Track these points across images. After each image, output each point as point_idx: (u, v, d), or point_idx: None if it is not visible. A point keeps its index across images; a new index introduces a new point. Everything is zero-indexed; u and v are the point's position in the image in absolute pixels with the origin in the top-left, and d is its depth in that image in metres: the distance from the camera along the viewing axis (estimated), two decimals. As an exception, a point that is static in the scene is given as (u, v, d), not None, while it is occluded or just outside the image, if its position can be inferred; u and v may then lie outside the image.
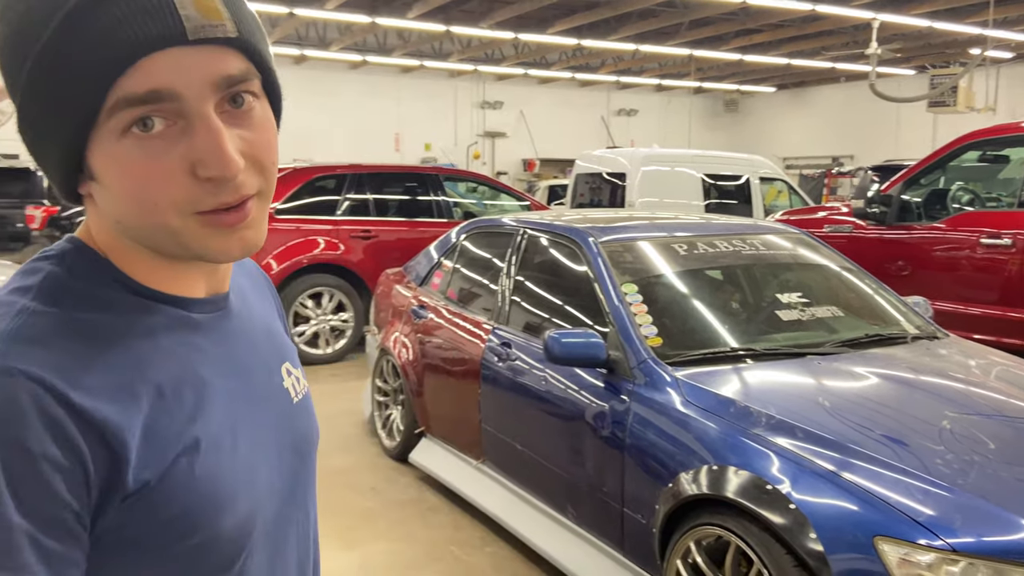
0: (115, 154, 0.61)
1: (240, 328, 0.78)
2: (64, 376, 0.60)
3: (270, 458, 0.75)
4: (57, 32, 0.59)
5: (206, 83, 0.61)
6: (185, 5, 0.60)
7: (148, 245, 0.67)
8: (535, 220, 3.79)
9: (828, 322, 3.06)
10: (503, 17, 14.02)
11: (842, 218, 5.76)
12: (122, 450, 0.61)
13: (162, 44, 0.59)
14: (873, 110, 18.24)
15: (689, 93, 23.08)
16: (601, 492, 2.69)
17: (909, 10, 12.90)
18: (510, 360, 3.30)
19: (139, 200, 0.63)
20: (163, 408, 0.65)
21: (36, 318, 0.62)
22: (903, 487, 1.97)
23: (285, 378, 0.82)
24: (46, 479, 0.57)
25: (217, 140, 0.61)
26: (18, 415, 0.57)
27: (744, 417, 2.31)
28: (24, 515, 0.56)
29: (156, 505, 0.63)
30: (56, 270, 0.67)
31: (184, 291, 0.71)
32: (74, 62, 0.59)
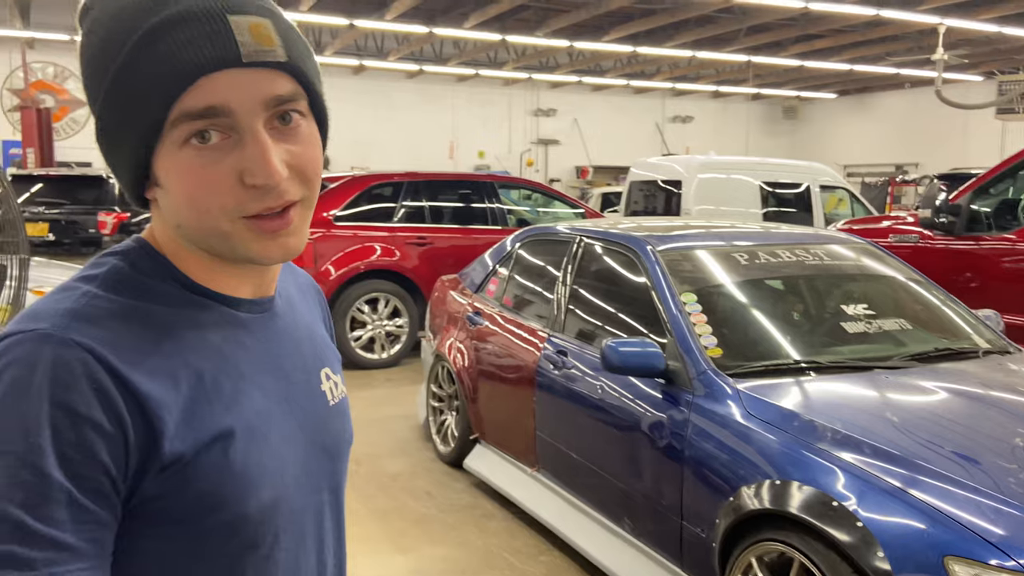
0: (176, 162, 0.69)
1: (283, 330, 0.84)
2: (115, 351, 0.67)
3: (299, 453, 0.80)
4: (132, 52, 0.67)
5: (257, 101, 0.69)
6: (242, 32, 0.68)
7: (202, 246, 0.75)
8: (591, 228, 3.78)
9: (896, 335, 2.98)
10: (558, 26, 14.03)
11: (908, 228, 5.60)
12: (160, 424, 0.67)
13: (220, 65, 0.67)
14: (939, 117, 17.73)
15: (746, 99, 22.76)
16: (659, 504, 2.66)
17: (977, 15, 12.50)
18: (566, 368, 3.29)
19: (195, 204, 0.70)
20: (202, 393, 0.71)
21: (97, 301, 0.70)
22: (974, 506, 1.90)
23: (323, 382, 0.88)
24: (89, 441, 0.63)
25: (263, 152, 0.69)
26: (70, 380, 0.64)
27: (808, 431, 2.26)
28: (64, 472, 0.62)
29: (188, 480, 0.68)
30: (120, 264, 0.75)
31: (232, 291, 0.78)
32: (144, 79, 0.67)
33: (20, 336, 0.67)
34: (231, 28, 0.67)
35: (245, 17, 0.68)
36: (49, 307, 0.69)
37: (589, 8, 13.17)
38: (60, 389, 0.63)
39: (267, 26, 0.69)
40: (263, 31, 0.69)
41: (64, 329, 0.66)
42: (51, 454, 0.62)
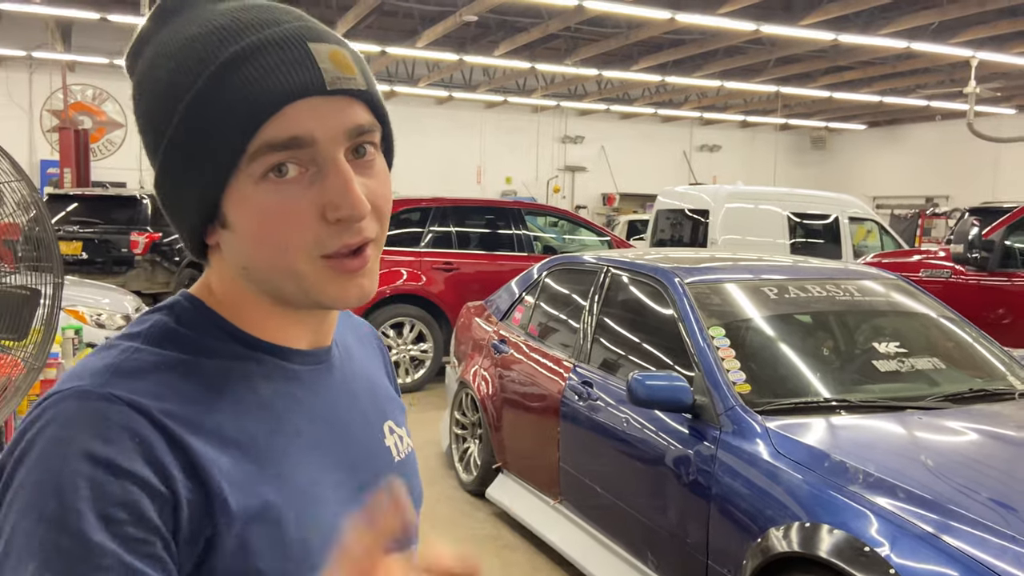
0: (252, 198, 0.65)
1: (341, 383, 0.78)
2: (160, 405, 0.62)
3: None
4: (209, 82, 0.63)
5: (339, 131, 0.65)
6: (323, 59, 0.65)
7: (269, 291, 0.70)
8: (618, 259, 3.77)
9: (929, 374, 2.92)
10: (587, 55, 14.13)
11: (940, 262, 5.53)
12: (211, 484, 0.61)
13: (304, 93, 0.63)
14: (970, 150, 17.52)
15: (775, 129, 22.69)
16: (684, 542, 2.61)
17: (1010, 48, 12.40)
18: (591, 399, 3.26)
19: (271, 243, 0.65)
20: (252, 453, 0.65)
21: (139, 355, 0.66)
22: (1011, 555, 1.85)
23: (387, 436, 0.82)
24: (134, 498, 0.57)
25: (347, 183, 0.65)
26: (109, 434, 0.59)
27: (839, 472, 2.22)
28: (109, 534, 0.56)
29: (239, 556, 0.62)
30: (164, 318, 0.70)
31: (288, 342, 0.73)
32: (223, 109, 0.63)
33: (58, 396, 0.62)
34: (313, 55, 0.64)
35: (325, 45, 0.66)
36: (89, 365, 0.65)
37: (619, 38, 13.26)
38: (98, 444, 0.58)
39: (346, 55, 0.67)
40: (343, 59, 0.66)
41: (103, 385, 0.62)
42: (92, 515, 0.56)
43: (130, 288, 8.11)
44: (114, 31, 12.73)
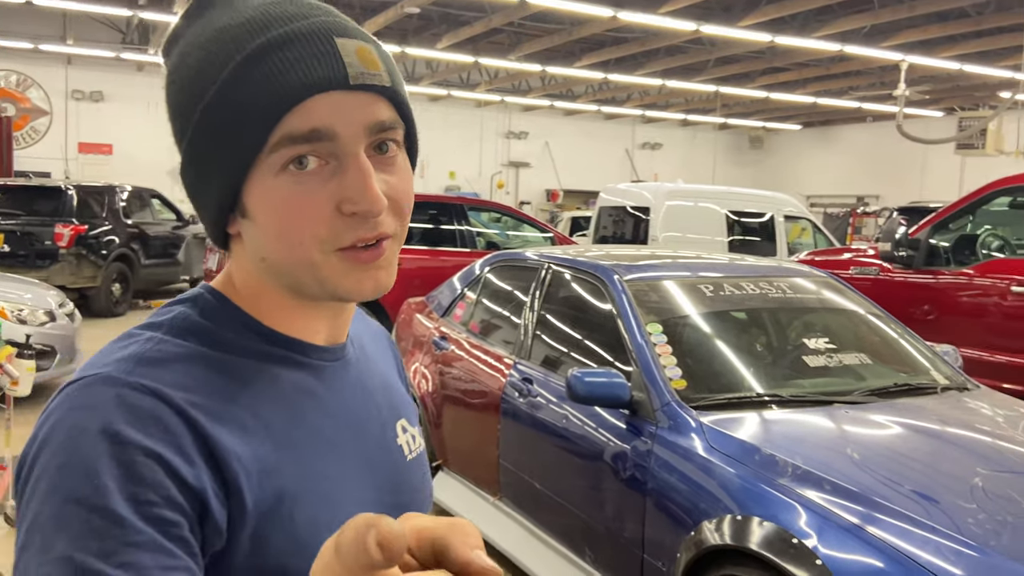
0: (271, 189, 0.66)
1: (356, 379, 0.79)
2: (184, 395, 0.62)
3: (376, 511, 0.72)
4: (234, 72, 0.64)
5: (361, 126, 0.66)
6: (348, 53, 0.66)
7: (287, 283, 0.70)
8: (560, 255, 3.79)
9: (856, 369, 3.01)
10: (531, 50, 14.16)
11: (869, 260, 5.71)
12: (231, 474, 0.62)
13: (327, 87, 0.64)
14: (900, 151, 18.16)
15: (714, 128, 23.12)
16: (621, 536, 2.64)
17: (939, 53, 12.88)
18: (531, 396, 3.27)
19: (287, 235, 0.66)
20: (270, 446, 0.66)
21: (163, 345, 0.66)
22: (933, 546, 1.91)
23: (400, 435, 0.82)
24: (160, 480, 0.58)
25: (365, 178, 0.65)
26: (134, 419, 0.59)
27: (770, 466, 2.27)
28: (138, 514, 0.56)
29: (255, 544, 0.63)
30: (187, 310, 0.71)
31: (307, 336, 0.74)
32: (246, 99, 0.64)
33: (82, 382, 0.63)
34: (338, 50, 0.65)
35: (352, 40, 0.67)
36: (112, 353, 0.66)
37: (562, 34, 13.33)
38: (126, 428, 0.59)
39: (372, 51, 0.68)
40: (369, 55, 0.67)
41: (129, 372, 0.62)
42: (121, 495, 0.56)
43: (54, 283, 7.80)
44: (38, 16, 12.25)
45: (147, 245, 10.67)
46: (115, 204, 10.31)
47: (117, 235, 10.09)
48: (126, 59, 15.66)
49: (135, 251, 10.40)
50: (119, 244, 10.07)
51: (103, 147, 16.90)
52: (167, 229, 11.28)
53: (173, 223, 11.49)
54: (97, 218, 9.94)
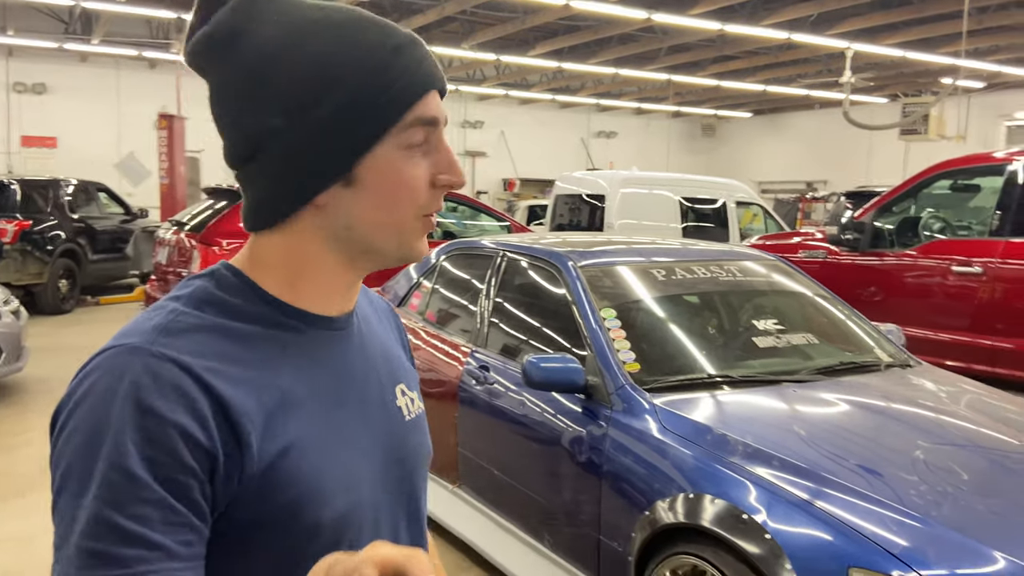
0: (392, 162, 0.77)
1: (359, 347, 0.87)
2: (200, 361, 0.71)
3: (375, 467, 0.84)
4: (381, 60, 0.76)
5: (444, 118, 0.82)
6: (437, 63, 0.82)
7: (360, 249, 0.80)
8: (515, 243, 3.80)
9: (803, 349, 3.09)
10: (485, 39, 14.12)
11: (816, 244, 5.84)
12: (244, 433, 0.70)
13: (439, 86, 0.80)
14: (846, 137, 18.55)
15: (668, 117, 23.33)
16: (578, 519, 2.68)
17: (882, 40, 13.17)
18: (488, 384, 3.29)
19: (396, 201, 0.78)
20: (280, 406, 0.74)
21: (183, 316, 0.75)
22: (877, 518, 1.98)
23: (399, 397, 0.91)
24: (174, 444, 0.67)
25: (454, 157, 0.81)
26: (155, 387, 0.68)
27: (721, 445, 2.32)
28: (152, 474, 0.65)
29: (267, 491, 0.72)
30: (205, 284, 0.79)
31: (322, 308, 0.82)
32: (392, 83, 0.76)
33: (112, 351, 0.71)
34: (434, 59, 0.81)
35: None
36: (139, 324, 0.74)
37: (515, 22, 13.31)
38: (145, 394, 0.67)
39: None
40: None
41: (152, 343, 0.71)
42: (137, 456, 0.65)
43: (-1, 280, 7.60)
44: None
45: (94, 240, 10.42)
46: (60, 198, 10.05)
47: (63, 230, 9.83)
48: (69, 50, 15.20)
49: (82, 246, 10.14)
50: (65, 239, 9.81)
51: (47, 140, 16.40)
52: (115, 223, 11.02)
53: (121, 217, 11.23)
54: (42, 213, 9.67)
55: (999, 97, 17.53)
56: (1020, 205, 4.67)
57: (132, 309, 9.95)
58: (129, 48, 15.00)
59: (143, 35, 15.20)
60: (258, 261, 0.81)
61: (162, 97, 15.42)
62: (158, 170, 12.44)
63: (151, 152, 13.14)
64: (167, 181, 12.22)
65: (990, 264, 4.70)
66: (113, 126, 16.81)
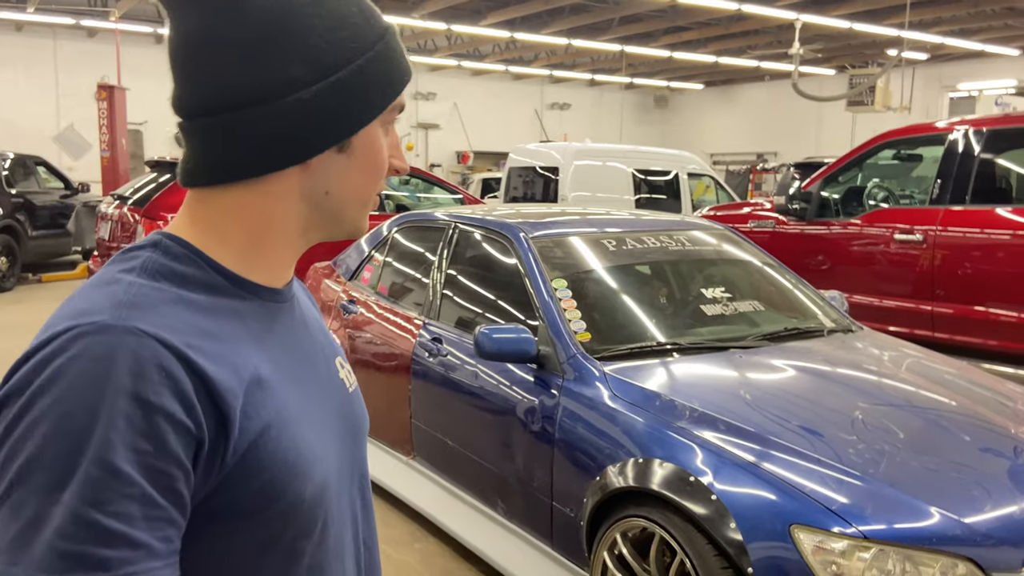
0: (377, 137, 0.81)
1: (300, 320, 0.87)
2: (180, 338, 0.66)
3: (335, 437, 0.84)
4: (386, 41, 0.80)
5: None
6: None
7: (326, 216, 0.81)
8: (467, 215, 3.79)
9: (750, 316, 3.15)
10: (436, 7, 13.92)
11: (766, 214, 5.93)
12: (228, 411, 0.67)
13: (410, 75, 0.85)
14: (796, 108, 18.81)
15: (621, 88, 23.35)
16: (531, 486, 2.71)
17: (830, 11, 13.33)
18: (441, 356, 3.29)
19: (373, 174, 0.82)
20: (255, 381, 0.72)
21: (146, 290, 0.70)
22: (817, 476, 2.04)
23: (340, 370, 0.91)
24: (161, 432, 0.62)
25: (402, 145, 0.87)
26: (138, 369, 0.63)
27: (669, 410, 2.37)
28: (135, 466, 0.61)
29: (250, 469, 0.69)
30: (152, 255, 0.74)
31: (269, 280, 0.80)
32: (395, 63, 0.81)
33: (75, 330, 0.64)
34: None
35: None
36: (96, 300, 0.68)
37: (466, -8, 13.13)
38: (131, 379, 0.62)
39: None
40: None
41: (124, 319, 0.65)
42: (121, 448, 0.61)
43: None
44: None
45: (34, 216, 10.09)
46: (-4, 173, 9.70)
47: (0, 206, 9.50)
48: (3, 19, 14.58)
49: (21, 222, 9.82)
50: (3, 216, 9.50)
51: (-20, 113, 15.78)
52: (55, 198, 10.68)
53: (61, 192, 10.89)
54: None
55: (942, 69, 17.93)
56: (959, 174, 4.80)
57: (75, 286, 9.68)
58: (66, 16, 14.44)
59: (80, 3, 14.64)
60: (207, 226, 0.77)
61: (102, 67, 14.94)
62: (99, 143, 12.05)
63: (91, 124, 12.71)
64: (108, 154, 11.85)
65: (930, 232, 4.83)
66: (51, 98, 16.22)
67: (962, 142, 4.85)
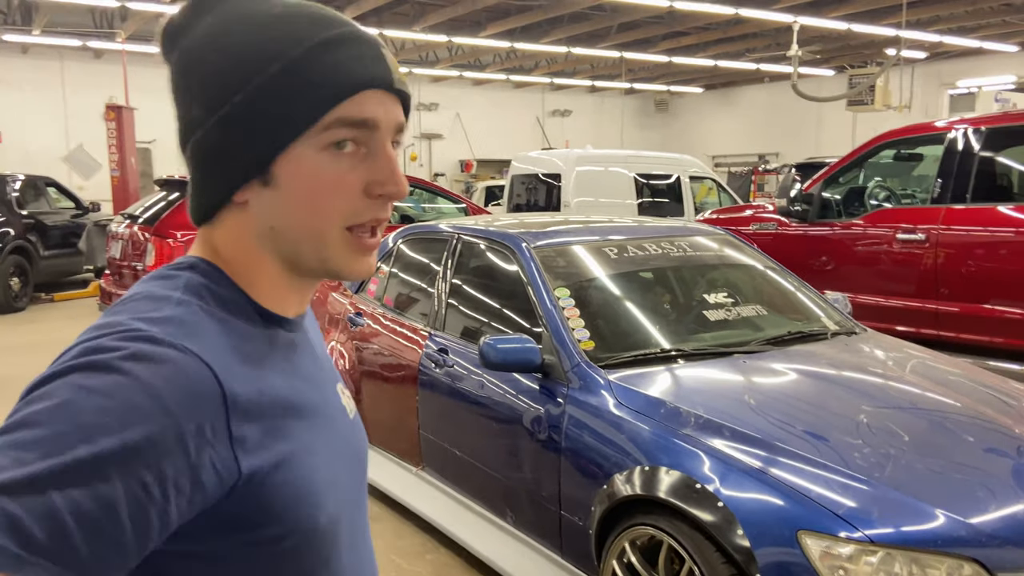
0: (310, 163, 0.73)
1: (310, 348, 0.87)
2: (222, 360, 0.68)
3: (346, 465, 0.84)
4: (305, 54, 0.72)
5: (393, 123, 0.77)
6: (391, 62, 0.78)
7: (287, 253, 0.77)
8: (470, 226, 3.82)
9: (753, 321, 3.16)
10: (436, 20, 13.98)
11: (768, 216, 5.94)
12: (242, 436, 0.68)
13: (379, 85, 0.75)
14: (796, 109, 18.82)
15: (621, 94, 23.40)
16: (539, 495, 2.73)
17: (828, 13, 13.34)
18: (447, 366, 3.31)
19: (315, 205, 0.74)
20: (278, 410, 0.73)
21: (191, 308, 0.71)
22: (823, 481, 2.05)
23: (341, 396, 0.91)
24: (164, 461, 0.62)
25: (396, 165, 0.77)
26: (177, 390, 0.64)
27: (674, 417, 2.38)
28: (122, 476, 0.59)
29: (265, 498, 0.69)
30: (195, 276, 0.75)
31: (281, 309, 0.80)
32: (314, 80, 0.72)
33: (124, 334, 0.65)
34: (386, 56, 0.77)
35: (388, 52, 0.78)
36: (145, 312, 0.69)
37: (465, 3, 13.20)
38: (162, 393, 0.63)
39: (397, 64, 0.78)
40: (398, 67, 0.78)
41: (175, 336, 0.67)
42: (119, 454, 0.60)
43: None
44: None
45: (45, 236, 10.16)
46: (7, 194, 9.78)
47: (11, 227, 9.58)
48: (9, 41, 14.70)
49: (32, 243, 9.90)
50: (14, 236, 9.57)
51: (-12, 135, 15.90)
52: (66, 218, 10.75)
53: (72, 211, 10.97)
54: None
55: (941, 67, 17.92)
56: (960, 172, 4.81)
57: (88, 305, 9.74)
58: (72, 38, 14.55)
59: (86, 24, 14.75)
60: (216, 255, 0.78)
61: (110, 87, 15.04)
62: (108, 162, 12.13)
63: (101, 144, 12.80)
64: (118, 173, 11.93)
65: (932, 231, 4.84)
66: (60, 119, 16.34)
67: (962, 141, 4.86)
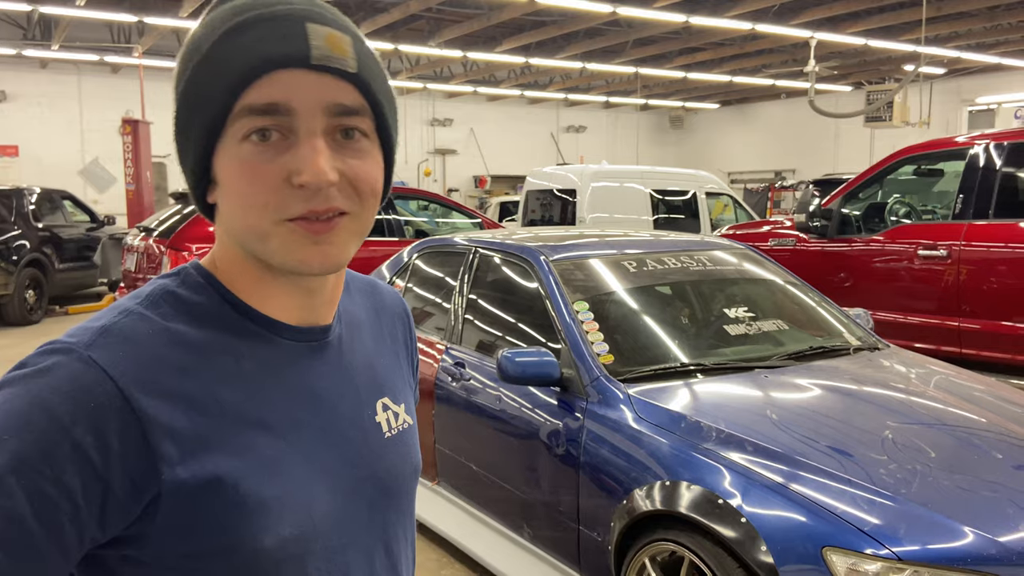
0: (233, 157, 0.70)
1: (336, 360, 0.81)
2: (135, 370, 0.66)
3: (339, 488, 0.77)
4: (212, 47, 0.69)
5: (318, 105, 0.70)
6: (317, 37, 0.69)
7: (249, 252, 0.74)
8: (487, 239, 3.81)
9: (774, 335, 3.13)
10: (451, 36, 14.08)
11: (786, 232, 5.90)
12: (162, 450, 0.65)
13: (287, 63, 0.68)
14: (813, 125, 18.78)
15: (636, 110, 23.43)
16: (557, 511, 2.70)
17: (845, 29, 13.33)
18: (464, 380, 3.29)
19: (244, 202, 0.70)
20: (220, 421, 0.69)
21: (131, 318, 0.70)
22: (849, 497, 2.02)
23: (379, 412, 0.85)
24: (63, 462, 0.62)
25: (312, 151, 0.69)
26: (70, 395, 0.63)
27: (695, 432, 2.35)
28: (24, 482, 0.60)
29: (196, 511, 0.67)
30: (168, 283, 0.75)
31: (278, 314, 0.76)
32: (218, 71, 0.68)
33: (52, 348, 0.67)
34: (307, 32, 0.69)
35: (324, 27, 0.70)
36: (88, 323, 0.70)
37: (480, 19, 13.28)
38: (56, 400, 0.63)
39: (344, 39, 0.71)
40: (338, 42, 0.70)
41: (88, 346, 0.66)
42: (16, 460, 0.61)
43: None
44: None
45: (61, 249, 10.25)
46: (24, 208, 9.88)
47: (27, 240, 9.67)
48: (29, 56, 14.93)
49: (48, 256, 9.98)
50: (30, 249, 9.65)
51: (8, 149, 16.09)
52: (81, 231, 10.85)
53: (87, 225, 11.07)
54: (5, 223, 9.51)
55: (960, 82, 17.84)
56: (981, 188, 4.76)
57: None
58: (90, 53, 14.76)
59: (104, 39, 14.96)
60: (214, 259, 0.77)
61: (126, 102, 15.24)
62: (124, 176, 12.26)
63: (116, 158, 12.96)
64: (133, 187, 12.05)
65: (954, 247, 4.79)
66: (76, 132, 16.55)
67: (983, 156, 4.82)
